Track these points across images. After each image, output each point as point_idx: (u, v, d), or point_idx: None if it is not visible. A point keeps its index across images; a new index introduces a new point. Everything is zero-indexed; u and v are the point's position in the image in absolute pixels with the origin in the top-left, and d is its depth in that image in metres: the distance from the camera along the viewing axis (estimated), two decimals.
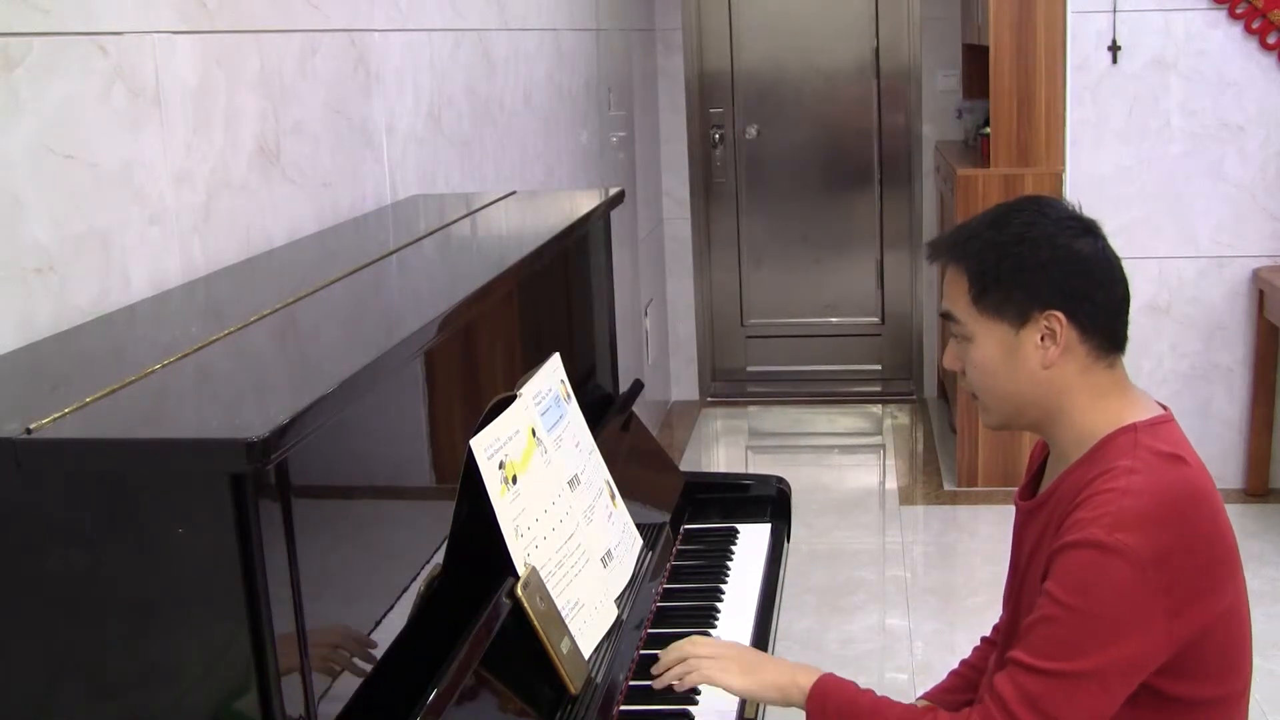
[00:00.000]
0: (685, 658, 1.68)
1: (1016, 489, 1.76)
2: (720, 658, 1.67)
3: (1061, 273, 1.57)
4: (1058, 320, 1.56)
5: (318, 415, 1.10)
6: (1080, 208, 1.64)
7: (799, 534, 2.60)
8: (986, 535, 4.36)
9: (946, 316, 1.65)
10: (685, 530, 2.31)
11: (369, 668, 1.32)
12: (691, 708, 1.71)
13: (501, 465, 1.63)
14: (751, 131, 5.98)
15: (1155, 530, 1.47)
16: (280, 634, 1.09)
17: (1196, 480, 1.54)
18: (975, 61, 5.24)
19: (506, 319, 1.85)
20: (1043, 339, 1.58)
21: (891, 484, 4.92)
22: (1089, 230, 1.60)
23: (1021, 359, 1.59)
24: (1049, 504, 1.61)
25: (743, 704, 1.74)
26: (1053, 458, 1.68)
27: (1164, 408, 1.63)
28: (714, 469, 5.27)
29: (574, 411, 1.92)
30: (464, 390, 1.68)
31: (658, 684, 1.69)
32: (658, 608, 1.98)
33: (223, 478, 1.04)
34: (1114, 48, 4.44)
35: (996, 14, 4.43)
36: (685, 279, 6.00)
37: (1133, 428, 1.56)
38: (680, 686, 1.68)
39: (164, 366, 1.22)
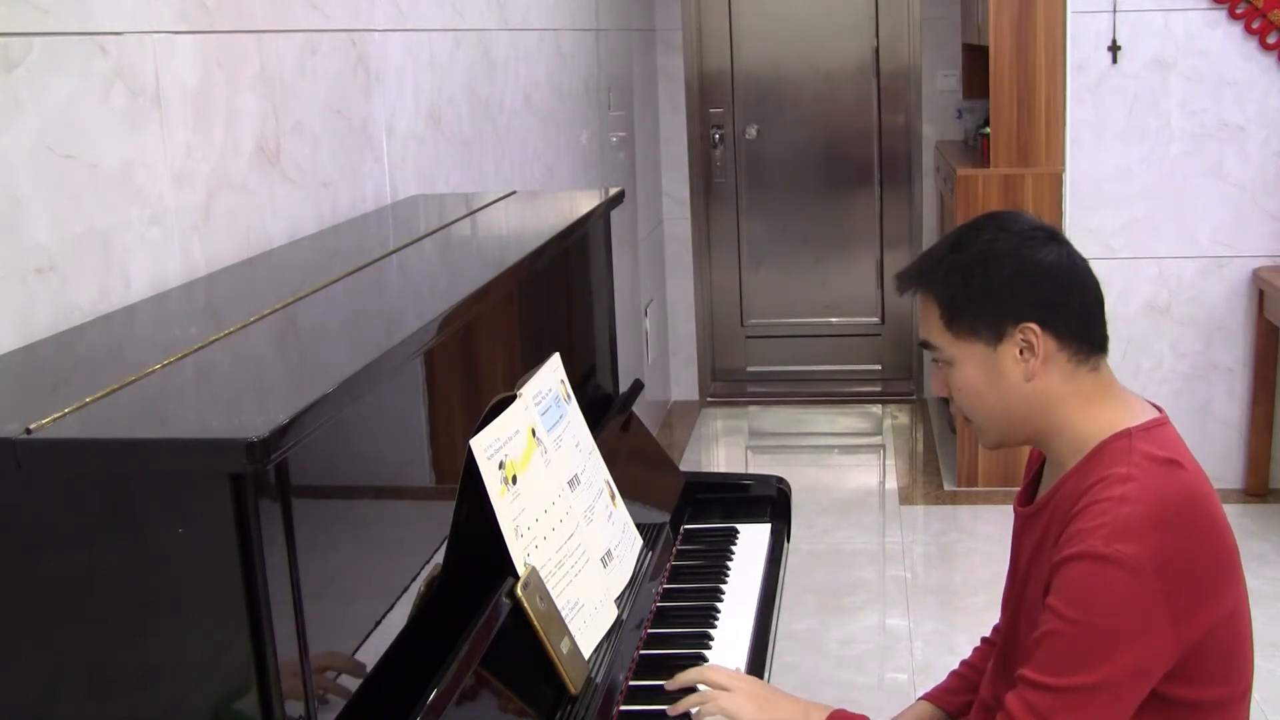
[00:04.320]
0: (701, 680, 1.69)
1: (1015, 493, 1.76)
2: (735, 691, 1.67)
3: (1029, 284, 1.57)
4: (1033, 331, 1.56)
5: (318, 415, 1.10)
6: (1040, 217, 1.64)
7: (799, 534, 2.60)
8: (986, 535, 4.37)
9: (925, 345, 1.65)
10: (685, 530, 2.31)
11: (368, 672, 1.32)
12: (691, 709, 1.71)
13: (501, 465, 1.63)
14: (751, 131, 5.98)
15: (1154, 537, 1.46)
16: (280, 634, 1.09)
17: (1193, 484, 1.54)
18: (975, 61, 5.24)
19: (506, 319, 1.85)
20: (1021, 352, 1.57)
21: (891, 484, 4.92)
22: (1053, 237, 1.60)
23: (1004, 375, 1.59)
24: (1047, 510, 1.61)
25: None
26: (1049, 464, 1.68)
27: (1158, 409, 1.63)
28: (714, 469, 5.27)
29: (574, 411, 1.92)
30: (464, 390, 1.68)
31: (672, 710, 1.68)
32: (658, 608, 1.98)
33: (223, 478, 1.04)
34: (1114, 48, 4.44)
35: (996, 14, 4.43)
36: (685, 279, 6.00)
37: (1127, 433, 1.56)
38: (695, 718, 1.68)
39: (164, 366, 1.22)
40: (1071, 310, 1.58)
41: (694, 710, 1.67)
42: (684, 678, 1.70)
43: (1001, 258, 1.57)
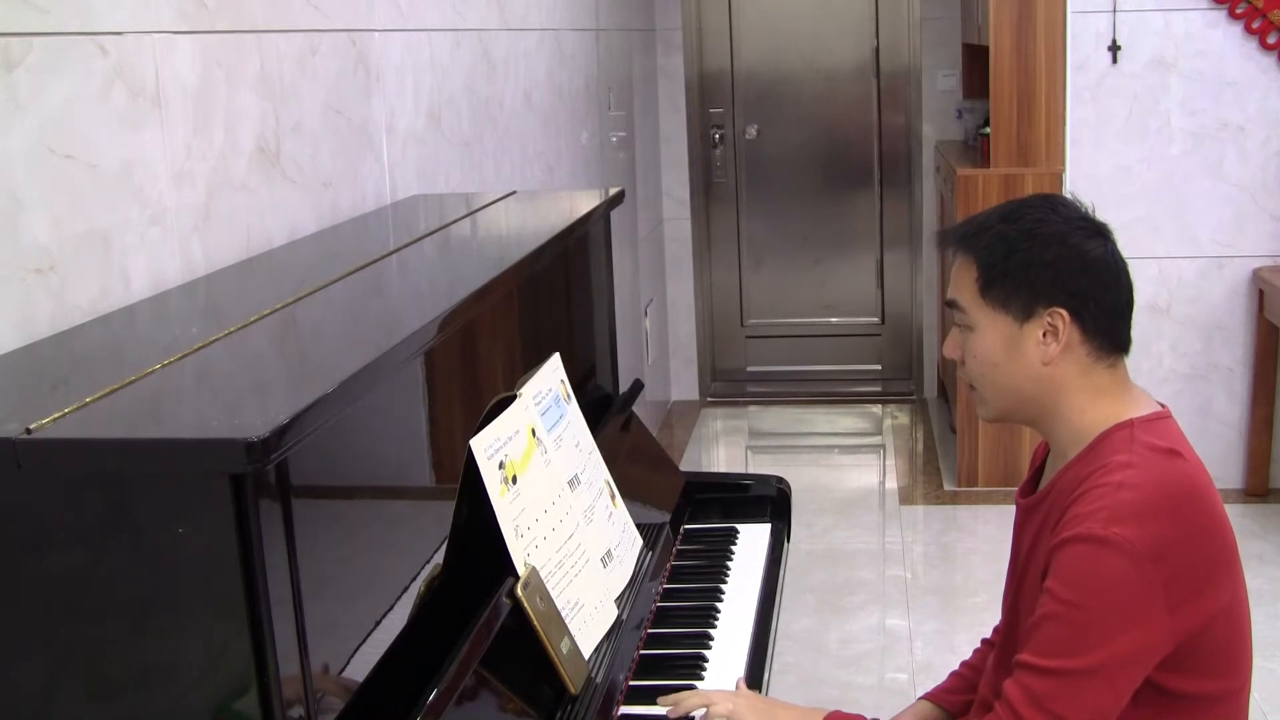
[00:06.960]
0: (697, 701, 1.68)
1: (1018, 487, 1.76)
2: (734, 701, 1.68)
3: (1069, 271, 1.58)
4: (1061, 318, 1.57)
5: (318, 415, 1.10)
6: (1093, 209, 1.65)
7: (799, 534, 2.60)
8: (986, 535, 4.36)
9: (951, 305, 1.66)
10: (685, 530, 2.31)
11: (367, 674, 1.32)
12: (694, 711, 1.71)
13: (501, 465, 1.63)
14: (751, 131, 5.97)
15: (1152, 523, 1.47)
16: (280, 634, 1.09)
17: (1193, 474, 1.55)
18: (975, 61, 5.24)
19: (506, 319, 1.85)
20: (1045, 335, 1.59)
21: (891, 484, 4.92)
22: (1099, 232, 1.62)
23: (1022, 353, 1.60)
24: (1047, 500, 1.62)
25: None
26: (1051, 455, 1.69)
27: (1162, 406, 1.63)
28: (714, 469, 5.27)
29: (574, 411, 1.92)
30: (464, 390, 1.68)
31: (673, 713, 1.68)
32: (658, 608, 1.98)
33: (223, 478, 1.04)
34: (1114, 48, 4.44)
35: (996, 14, 4.43)
36: (685, 279, 6.00)
37: (1129, 424, 1.57)
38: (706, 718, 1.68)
39: (164, 366, 1.22)
40: (1103, 306, 1.59)
41: (698, 714, 1.68)
42: (686, 703, 1.69)
43: (1047, 239, 1.59)
